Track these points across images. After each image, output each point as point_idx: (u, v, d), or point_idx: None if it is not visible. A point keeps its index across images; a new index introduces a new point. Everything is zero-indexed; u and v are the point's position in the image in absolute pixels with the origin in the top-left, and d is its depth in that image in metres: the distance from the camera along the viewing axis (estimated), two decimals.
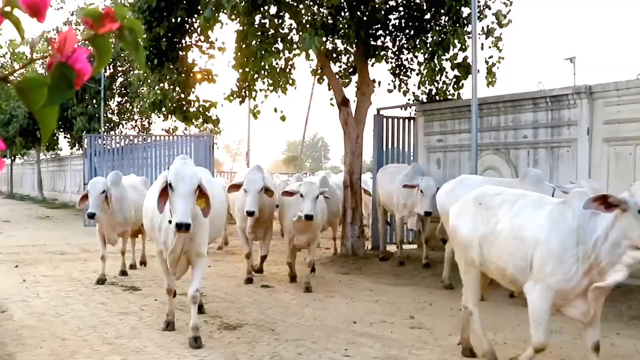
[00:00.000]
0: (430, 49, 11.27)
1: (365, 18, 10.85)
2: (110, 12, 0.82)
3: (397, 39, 11.85)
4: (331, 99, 11.86)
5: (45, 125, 0.89)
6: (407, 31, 11.59)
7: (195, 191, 5.24)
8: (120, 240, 9.09)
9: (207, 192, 5.40)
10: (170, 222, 5.21)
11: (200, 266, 5.75)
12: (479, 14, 10.90)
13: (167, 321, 6.05)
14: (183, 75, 11.63)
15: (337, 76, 11.90)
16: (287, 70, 11.82)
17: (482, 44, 11.58)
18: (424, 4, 11.27)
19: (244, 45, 11.37)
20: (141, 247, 10.33)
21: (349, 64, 12.43)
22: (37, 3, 0.82)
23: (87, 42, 0.89)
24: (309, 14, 10.25)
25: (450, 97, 12.12)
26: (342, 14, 10.88)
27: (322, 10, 10.75)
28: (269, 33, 11.02)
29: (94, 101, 24.77)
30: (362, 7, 10.74)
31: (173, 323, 6.04)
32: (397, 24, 11.56)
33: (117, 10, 0.83)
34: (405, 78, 12.48)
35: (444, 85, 12.13)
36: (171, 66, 11.40)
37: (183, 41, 11.66)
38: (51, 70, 0.84)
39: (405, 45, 11.91)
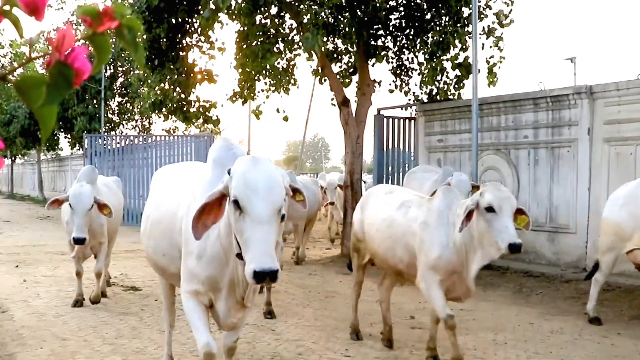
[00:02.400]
0: (430, 48, 11.28)
1: (366, 18, 10.85)
2: (109, 10, 0.82)
3: (398, 38, 11.85)
4: (332, 99, 11.87)
5: (44, 123, 0.89)
6: (407, 31, 11.59)
7: (279, 211, 2.97)
8: (92, 255, 7.32)
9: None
10: (239, 256, 3.05)
11: (245, 319, 3.78)
12: (479, 14, 10.90)
13: None
14: (183, 75, 11.63)
15: (337, 76, 11.90)
16: (289, 70, 11.84)
17: (483, 44, 11.60)
18: (425, 3, 11.27)
19: (245, 46, 11.38)
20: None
21: (349, 64, 12.44)
22: (36, 1, 0.82)
23: (86, 40, 0.89)
24: (310, 13, 10.25)
25: (450, 97, 12.12)
26: (343, 13, 10.88)
27: (323, 10, 10.75)
28: (270, 33, 11.03)
29: (95, 101, 24.80)
30: (362, 7, 10.74)
31: None
32: (397, 23, 11.56)
33: (115, 8, 0.82)
34: (406, 78, 12.48)
35: (445, 85, 12.13)
36: (172, 66, 11.41)
37: (183, 41, 11.66)
38: (50, 68, 0.83)
39: (406, 45, 11.91)
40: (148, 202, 4.37)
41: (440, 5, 11.01)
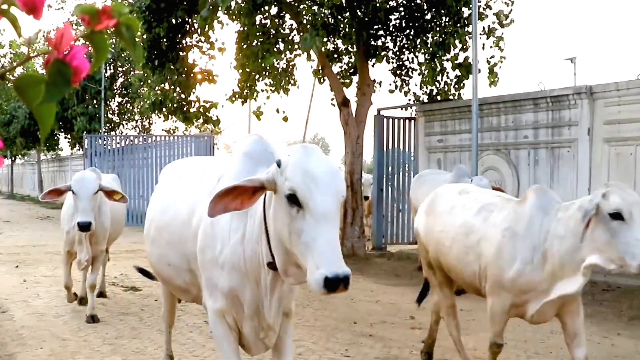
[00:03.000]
0: (431, 49, 11.29)
1: (366, 18, 10.86)
2: (107, 8, 0.82)
3: (398, 39, 11.86)
4: (332, 99, 11.87)
5: (43, 122, 0.89)
6: (407, 31, 11.60)
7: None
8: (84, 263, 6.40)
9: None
10: (272, 265, 2.70)
11: (290, 336, 3.24)
12: (479, 14, 10.91)
13: None
14: (183, 75, 11.64)
15: (337, 76, 11.91)
16: (289, 70, 11.85)
17: (483, 44, 11.61)
18: (425, 4, 11.28)
19: (245, 46, 11.39)
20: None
21: (349, 64, 12.44)
22: (34, 0, 0.82)
23: (84, 39, 0.89)
24: (310, 14, 10.26)
25: (451, 97, 12.12)
26: (343, 14, 10.88)
27: (322, 10, 10.76)
28: (270, 33, 11.04)
29: (95, 101, 24.81)
30: (362, 7, 10.74)
31: None
32: (397, 24, 11.57)
33: (114, 7, 0.83)
34: (406, 78, 12.49)
35: (445, 86, 12.14)
36: (172, 67, 11.42)
37: (183, 42, 11.67)
38: (48, 67, 0.84)
39: (406, 46, 11.92)
40: (153, 203, 3.85)
41: (440, 5, 11.02)
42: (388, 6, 11.20)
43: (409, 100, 12.62)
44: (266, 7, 10.70)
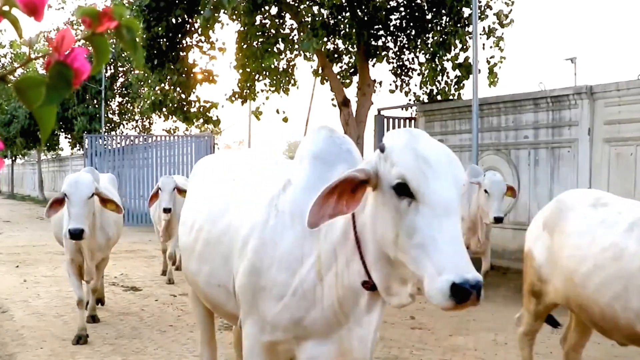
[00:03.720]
0: (431, 49, 11.29)
1: (366, 18, 10.86)
2: (108, 11, 0.82)
3: (398, 39, 11.86)
4: (332, 100, 11.87)
5: (44, 124, 0.89)
6: (408, 31, 11.60)
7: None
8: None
9: None
10: (367, 285, 2.21)
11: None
12: (480, 14, 10.91)
13: None
14: (184, 75, 11.65)
15: (338, 76, 11.91)
16: (289, 70, 11.84)
17: (484, 44, 11.61)
18: (425, 4, 11.29)
19: (245, 46, 11.39)
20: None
21: (350, 64, 12.45)
22: (35, 2, 0.82)
23: (85, 41, 0.89)
24: (310, 14, 10.26)
25: (451, 97, 12.13)
26: (343, 14, 10.89)
27: (322, 10, 10.76)
28: (270, 33, 11.03)
29: (95, 101, 24.83)
30: (363, 7, 10.74)
31: None
32: (398, 24, 11.58)
33: (114, 9, 0.83)
34: (407, 78, 12.50)
35: (445, 86, 12.14)
36: (172, 67, 11.42)
37: (183, 41, 11.67)
38: (49, 69, 0.84)
39: (406, 46, 11.92)
40: (195, 208, 3.15)
41: (440, 5, 11.02)
42: (388, 6, 11.21)
43: (409, 100, 12.63)
44: (266, 7, 10.70)
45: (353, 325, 2.34)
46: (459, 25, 11.17)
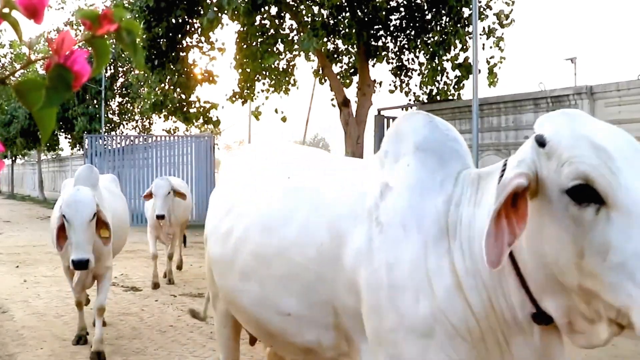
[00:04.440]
0: (431, 49, 11.30)
1: (366, 18, 10.87)
2: (108, 13, 0.82)
3: (398, 39, 11.87)
4: (332, 100, 11.88)
5: (44, 126, 0.89)
6: (408, 31, 11.60)
7: None
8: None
9: None
10: (538, 318, 1.65)
11: None
12: (480, 14, 10.92)
13: None
14: (184, 76, 11.65)
15: (338, 77, 11.92)
16: (289, 70, 11.85)
17: (484, 44, 11.61)
18: (425, 4, 11.29)
19: (244, 46, 11.40)
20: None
21: (350, 65, 12.45)
22: (35, 4, 0.82)
23: (86, 43, 0.89)
24: (310, 14, 10.26)
25: (451, 97, 12.13)
26: (343, 14, 10.89)
27: (322, 10, 10.77)
28: (270, 33, 11.04)
29: (95, 101, 24.85)
30: (363, 7, 10.75)
31: None
32: (398, 24, 11.58)
33: (115, 12, 0.83)
34: (407, 78, 12.50)
35: (445, 86, 12.15)
36: (172, 67, 11.43)
37: (183, 42, 11.68)
38: (49, 71, 0.84)
39: (406, 46, 11.93)
40: (225, 210, 2.60)
41: (440, 5, 11.02)
42: (388, 6, 11.21)
43: (409, 100, 12.63)
44: (266, 7, 10.71)
45: None
46: (458, 25, 11.17)
